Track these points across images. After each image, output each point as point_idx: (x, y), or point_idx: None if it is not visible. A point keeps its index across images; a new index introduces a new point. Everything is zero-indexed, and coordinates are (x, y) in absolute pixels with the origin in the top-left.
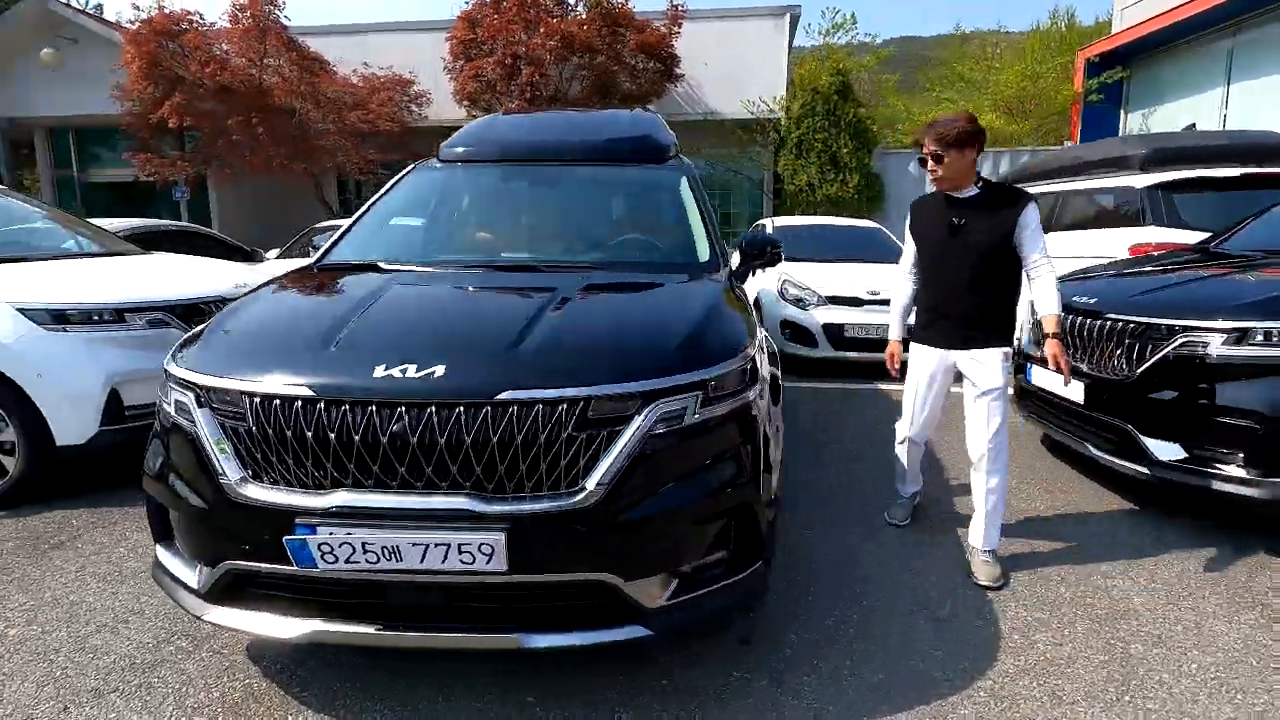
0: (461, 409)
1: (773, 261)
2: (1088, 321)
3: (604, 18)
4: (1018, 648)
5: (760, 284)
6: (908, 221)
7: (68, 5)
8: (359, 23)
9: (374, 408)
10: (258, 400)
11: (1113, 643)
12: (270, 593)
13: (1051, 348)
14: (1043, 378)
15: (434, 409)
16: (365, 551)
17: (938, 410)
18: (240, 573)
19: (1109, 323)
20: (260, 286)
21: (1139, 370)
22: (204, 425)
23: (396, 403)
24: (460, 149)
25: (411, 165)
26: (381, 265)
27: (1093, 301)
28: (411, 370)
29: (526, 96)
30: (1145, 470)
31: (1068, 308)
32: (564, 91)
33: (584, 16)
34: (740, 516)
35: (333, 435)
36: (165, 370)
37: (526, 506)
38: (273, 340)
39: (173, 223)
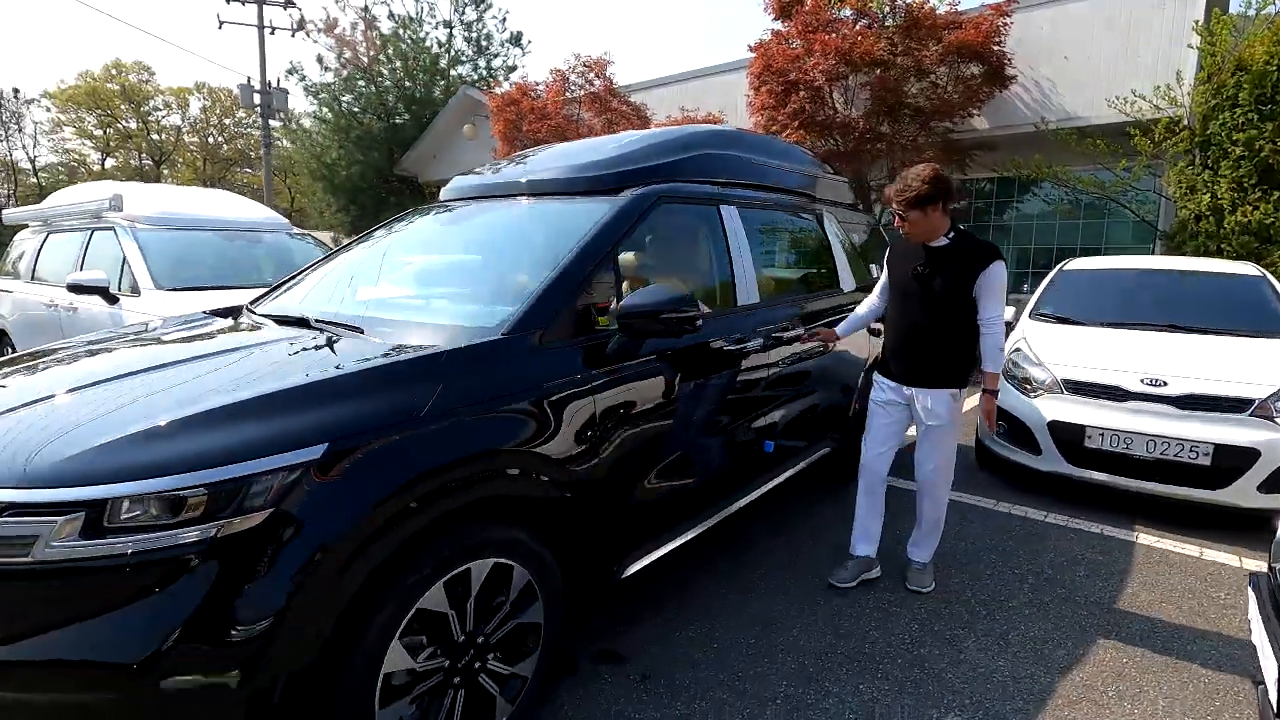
0: None
1: (676, 331)
2: None
3: (902, 25)
4: None
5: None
6: (886, 261)
7: (481, 91)
8: (680, 72)
9: None
10: None
11: None
12: None
13: (986, 402)
14: None
15: None
16: None
17: (892, 439)
18: None
19: None
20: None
21: None
22: None
23: None
24: (446, 190)
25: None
26: (247, 309)
27: None
28: None
29: (795, 124)
30: None
31: None
32: (837, 114)
33: (859, 28)
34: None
35: None
36: None
37: None
38: None
39: None
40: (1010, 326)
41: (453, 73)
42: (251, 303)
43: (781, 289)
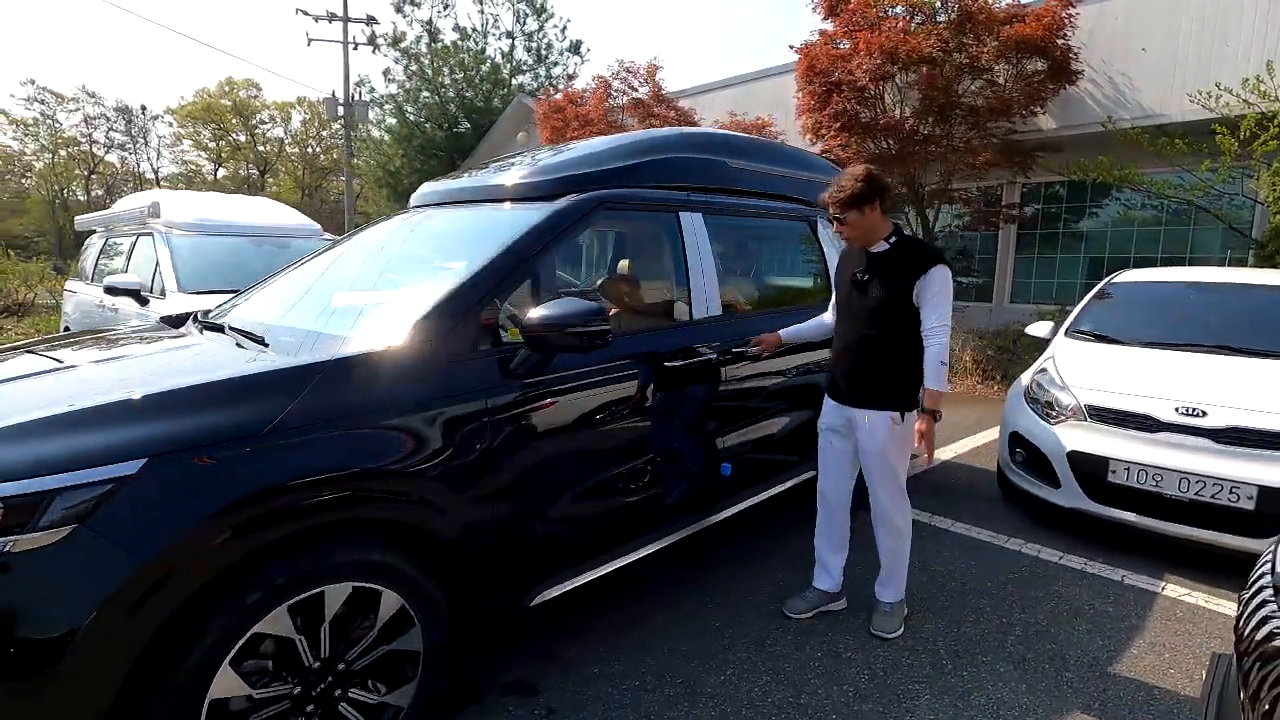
0: None
1: (585, 346)
2: None
3: (954, 21)
4: None
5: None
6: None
7: (533, 99)
8: (730, 76)
9: None
10: None
11: None
12: None
13: (920, 423)
14: None
15: None
16: None
17: (845, 466)
18: None
19: None
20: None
21: None
22: None
23: None
24: (415, 196)
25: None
26: (196, 316)
27: None
28: None
29: (837, 126)
30: None
31: None
32: (882, 116)
33: (903, 23)
34: None
35: None
36: None
37: None
38: None
39: None
40: (1045, 344)
41: (514, 81)
42: (218, 306)
43: (755, 302)
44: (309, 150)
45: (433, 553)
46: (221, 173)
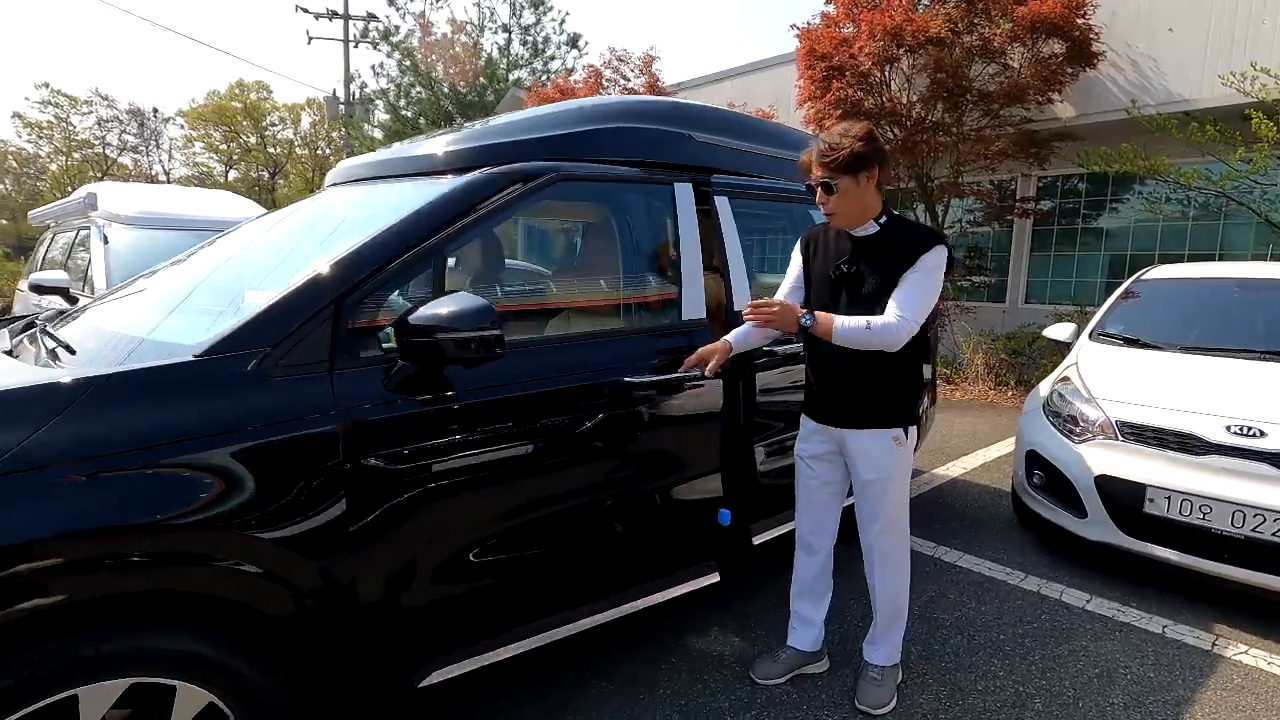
0: None
1: (471, 357)
2: None
3: (964, 1)
4: None
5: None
6: (798, 249)
7: (526, 92)
8: (729, 68)
9: None
10: None
11: None
12: None
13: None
14: None
15: None
16: None
17: (833, 501)
18: None
19: None
20: None
21: None
22: None
23: None
24: (332, 173)
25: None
26: (39, 320)
27: None
28: None
29: (838, 114)
30: None
31: None
32: (887, 102)
33: (911, 1)
34: None
35: None
36: None
37: None
38: None
39: None
40: (1066, 348)
41: (510, 76)
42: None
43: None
44: (319, 151)
45: (260, 627)
46: (233, 174)
